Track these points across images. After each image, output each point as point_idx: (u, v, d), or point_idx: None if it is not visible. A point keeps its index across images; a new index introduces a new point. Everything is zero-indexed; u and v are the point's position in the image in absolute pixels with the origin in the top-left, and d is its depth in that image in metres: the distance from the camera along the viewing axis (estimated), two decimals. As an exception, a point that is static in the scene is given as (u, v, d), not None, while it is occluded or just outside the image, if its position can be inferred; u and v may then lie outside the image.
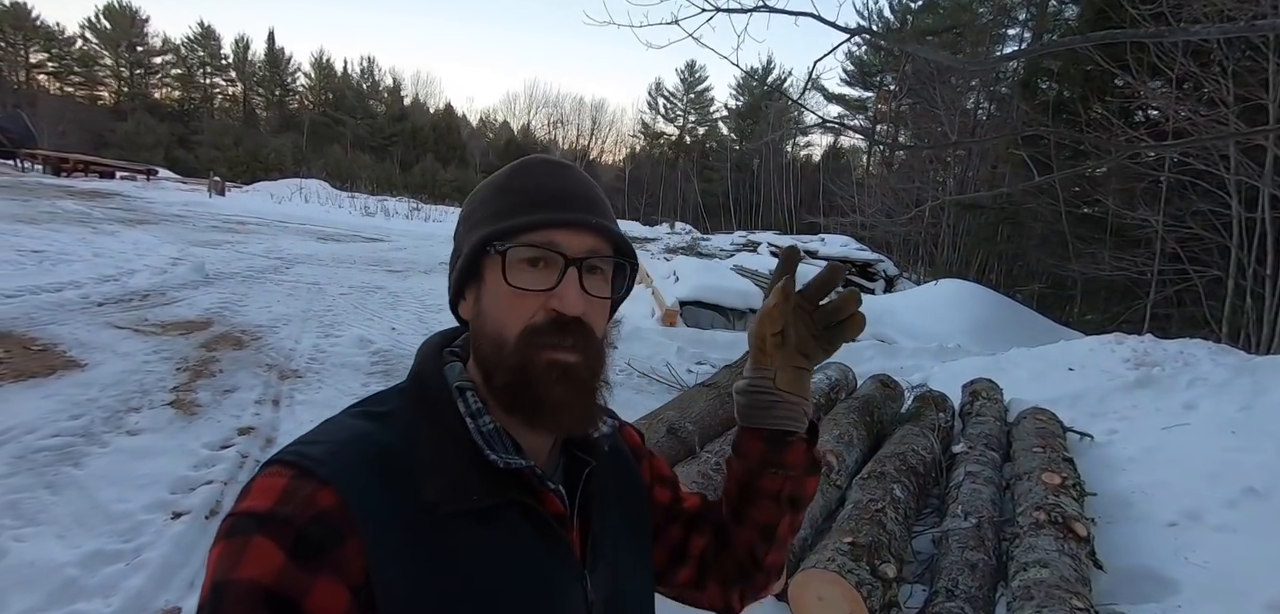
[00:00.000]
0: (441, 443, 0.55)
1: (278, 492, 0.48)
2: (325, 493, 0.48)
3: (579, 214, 0.57)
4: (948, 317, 8.85)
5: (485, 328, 0.57)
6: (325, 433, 0.54)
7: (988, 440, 3.58)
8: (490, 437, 0.56)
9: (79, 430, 3.20)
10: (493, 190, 0.60)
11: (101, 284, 6.10)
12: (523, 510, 0.56)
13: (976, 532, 2.61)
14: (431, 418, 0.56)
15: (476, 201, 0.61)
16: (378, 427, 0.55)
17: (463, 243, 0.60)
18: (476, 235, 0.58)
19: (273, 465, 0.51)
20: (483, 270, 0.58)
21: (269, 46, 48.31)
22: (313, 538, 0.47)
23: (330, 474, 0.49)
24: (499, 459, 0.55)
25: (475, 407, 0.57)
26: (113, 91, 45.19)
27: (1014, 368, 5.61)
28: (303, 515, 0.47)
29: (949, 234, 17.96)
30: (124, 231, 9.94)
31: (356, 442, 0.53)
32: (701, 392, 3.89)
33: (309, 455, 0.51)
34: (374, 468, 0.51)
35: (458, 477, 0.54)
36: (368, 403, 0.59)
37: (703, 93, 48.16)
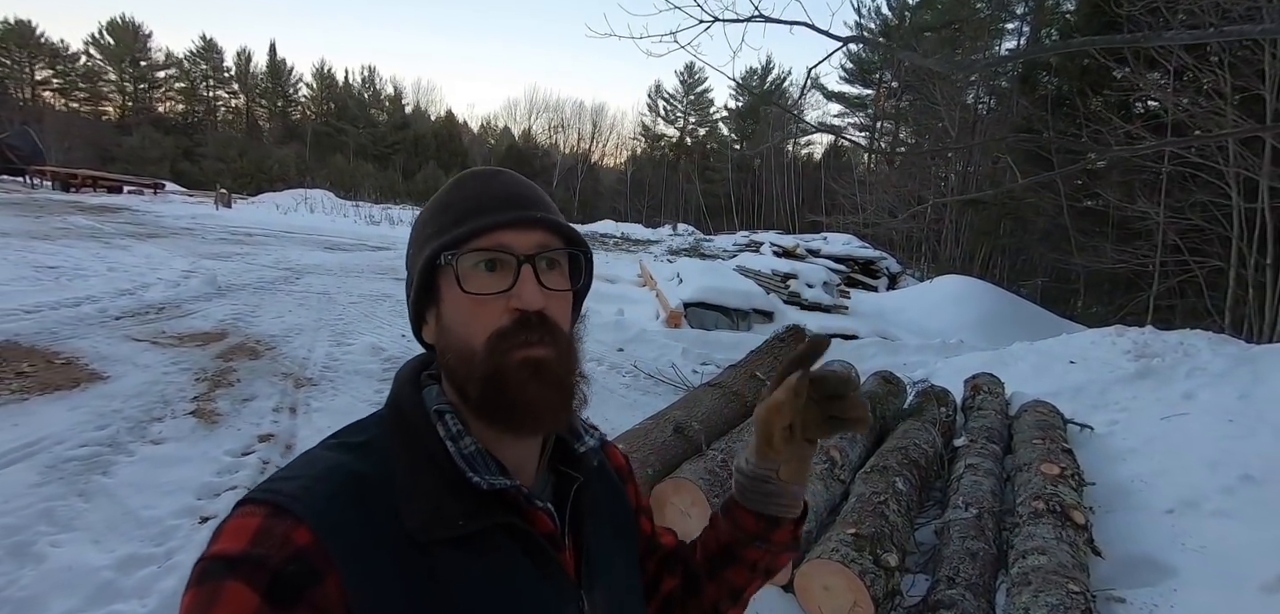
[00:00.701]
0: (421, 469, 0.54)
1: (251, 532, 0.47)
2: (300, 530, 0.47)
3: (523, 212, 0.57)
4: (951, 313, 8.91)
5: (451, 343, 0.56)
6: (300, 468, 0.53)
7: (989, 433, 3.65)
8: (472, 458, 0.55)
9: (106, 440, 3.30)
10: (434, 209, 0.60)
11: (118, 298, 6.23)
12: (511, 532, 0.55)
13: (977, 522, 2.69)
14: (410, 444, 0.55)
15: (421, 224, 0.60)
16: (354, 457, 0.53)
17: (413, 266, 0.59)
18: (425, 253, 0.57)
19: (245, 505, 0.50)
20: (438, 287, 0.57)
21: (271, 58, 48.71)
22: (289, 578, 0.45)
23: (305, 510, 0.48)
24: (482, 481, 0.54)
25: (455, 429, 0.56)
26: (117, 106, 45.63)
27: (1016, 362, 5.67)
28: (277, 555, 0.46)
29: (951, 230, 18.01)
30: (136, 245, 10.09)
31: (332, 474, 0.51)
32: (707, 391, 3.98)
33: (283, 492, 0.49)
34: (351, 500, 0.50)
35: (440, 503, 0.52)
36: (344, 434, 0.57)
37: (702, 94, 48.28)
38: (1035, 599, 2.08)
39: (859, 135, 31.01)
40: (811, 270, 9.94)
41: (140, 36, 45.08)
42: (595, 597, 0.61)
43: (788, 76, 41.03)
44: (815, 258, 13.77)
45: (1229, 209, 8.65)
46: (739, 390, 4.07)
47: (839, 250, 15.22)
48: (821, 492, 2.95)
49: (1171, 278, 10.08)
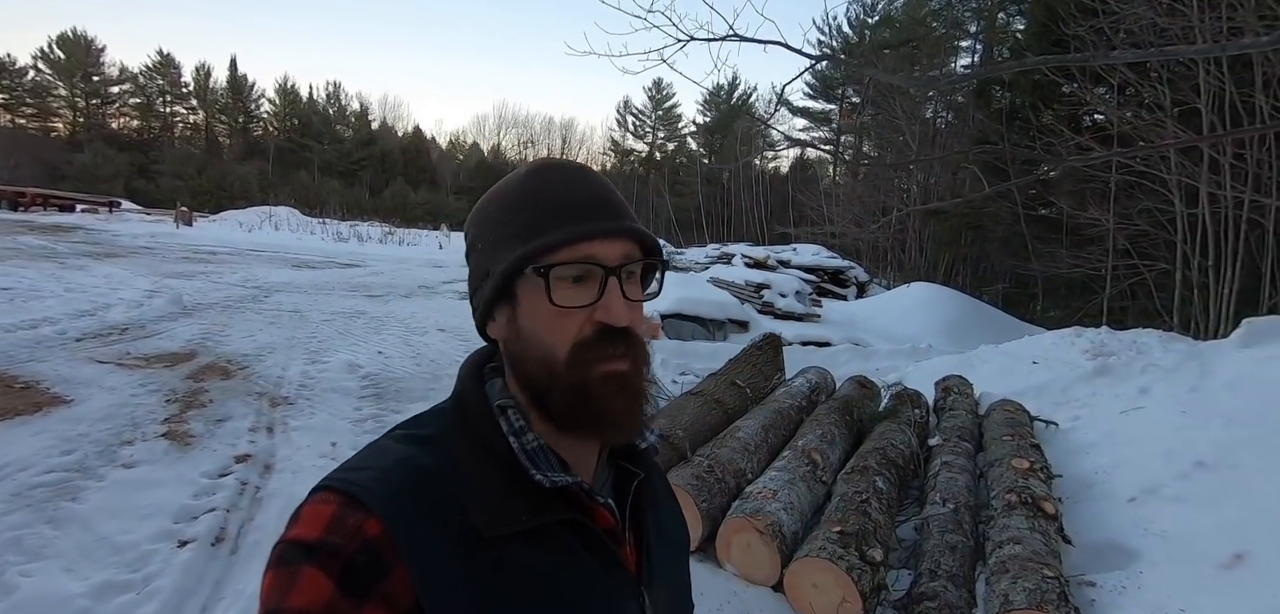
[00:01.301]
0: (486, 465, 0.54)
1: (325, 520, 0.49)
2: (372, 522, 0.48)
3: (613, 222, 0.56)
4: (919, 318, 9.18)
5: (530, 350, 0.56)
6: (370, 458, 0.54)
7: (961, 432, 3.79)
8: (535, 454, 0.55)
9: (74, 465, 3.19)
10: (515, 205, 0.57)
11: (77, 319, 6.00)
12: (573, 528, 0.55)
13: (955, 516, 2.79)
14: (475, 439, 0.56)
15: (496, 218, 0.58)
16: (421, 450, 0.54)
17: (489, 263, 0.57)
18: (511, 255, 0.55)
19: (321, 491, 0.51)
20: (516, 291, 0.56)
21: (231, 73, 47.56)
22: (360, 568, 0.47)
23: (376, 502, 0.49)
24: (545, 478, 0.54)
25: (518, 425, 0.56)
26: (67, 123, 43.93)
27: (983, 364, 5.89)
28: (350, 545, 0.47)
29: (915, 239, 18.55)
30: (94, 266, 9.72)
31: (401, 467, 0.52)
32: (689, 400, 4.03)
33: (355, 483, 0.50)
34: (420, 494, 0.51)
35: (504, 499, 0.53)
36: (411, 425, 0.58)
37: (670, 109, 48.82)
38: (1013, 585, 2.18)
39: (825, 149, 31.80)
40: (783, 280, 10.14)
41: (93, 51, 43.56)
42: (655, 594, 0.61)
43: (753, 92, 41.85)
44: (786, 268, 14.00)
45: (1173, 215, 9.14)
46: (720, 398, 4.14)
47: (809, 260, 15.49)
48: (805, 493, 3.03)
49: (1123, 281, 10.58)
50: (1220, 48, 3.22)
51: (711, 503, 2.88)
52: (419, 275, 14.10)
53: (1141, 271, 10.02)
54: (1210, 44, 3.49)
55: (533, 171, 0.59)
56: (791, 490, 2.93)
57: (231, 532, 2.82)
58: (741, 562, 2.65)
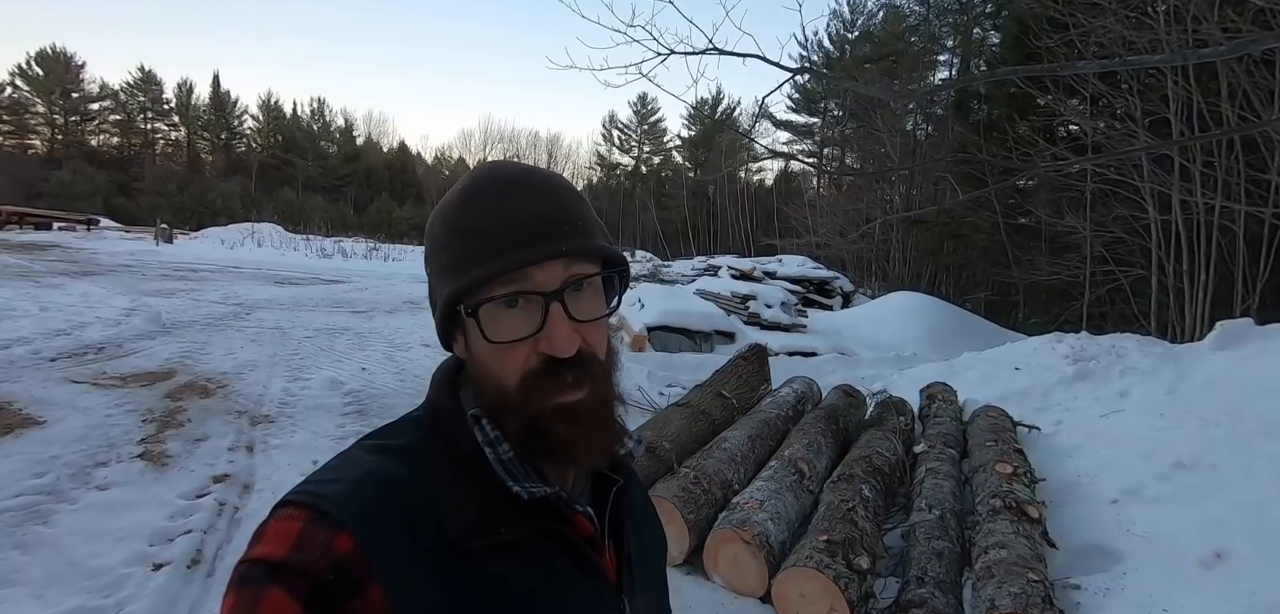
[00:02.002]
0: (462, 477, 0.53)
1: (292, 537, 0.46)
2: (342, 537, 0.46)
3: (548, 245, 0.51)
4: (903, 327, 9.27)
5: (482, 377, 0.54)
6: (339, 470, 0.51)
7: (946, 438, 3.82)
8: (511, 466, 0.53)
9: (45, 488, 3.10)
10: (448, 231, 0.54)
11: (52, 338, 5.87)
12: (552, 538, 0.54)
13: (941, 523, 2.81)
14: (450, 450, 0.54)
15: (439, 241, 0.55)
16: (394, 461, 0.52)
17: (434, 293, 0.56)
18: (444, 292, 0.53)
19: (285, 506, 0.48)
20: (461, 322, 0.54)
21: (214, 90, 47.14)
22: (329, 588, 0.44)
23: (347, 517, 0.47)
24: (522, 490, 0.52)
25: (493, 435, 0.54)
26: (45, 140, 43.23)
27: (966, 371, 5.95)
28: (319, 563, 0.45)
29: (899, 249, 18.78)
30: (70, 284, 9.53)
31: (372, 479, 0.50)
32: (675, 412, 4.03)
33: (324, 496, 0.48)
34: (393, 507, 0.49)
35: (482, 510, 0.51)
36: (382, 435, 0.56)
37: (656, 123, 49.16)
38: (999, 590, 2.19)
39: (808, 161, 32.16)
40: (769, 291, 10.20)
41: (72, 68, 42.97)
42: (636, 602, 0.61)
43: (737, 106, 42.29)
44: (772, 279, 14.08)
45: (1147, 222, 9.35)
46: (706, 409, 4.13)
47: (794, 271, 15.61)
48: (793, 502, 3.03)
49: (1101, 287, 10.77)
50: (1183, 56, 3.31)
51: (698, 514, 2.87)
52: (404, 290, 13.99)
53: (1119, 277, 10.22)
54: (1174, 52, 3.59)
55: (470, 189, 0.54)
56: (778, 500, 2.93)
57: (208, 554, 2.76)
58: (729, 573, 2.64)
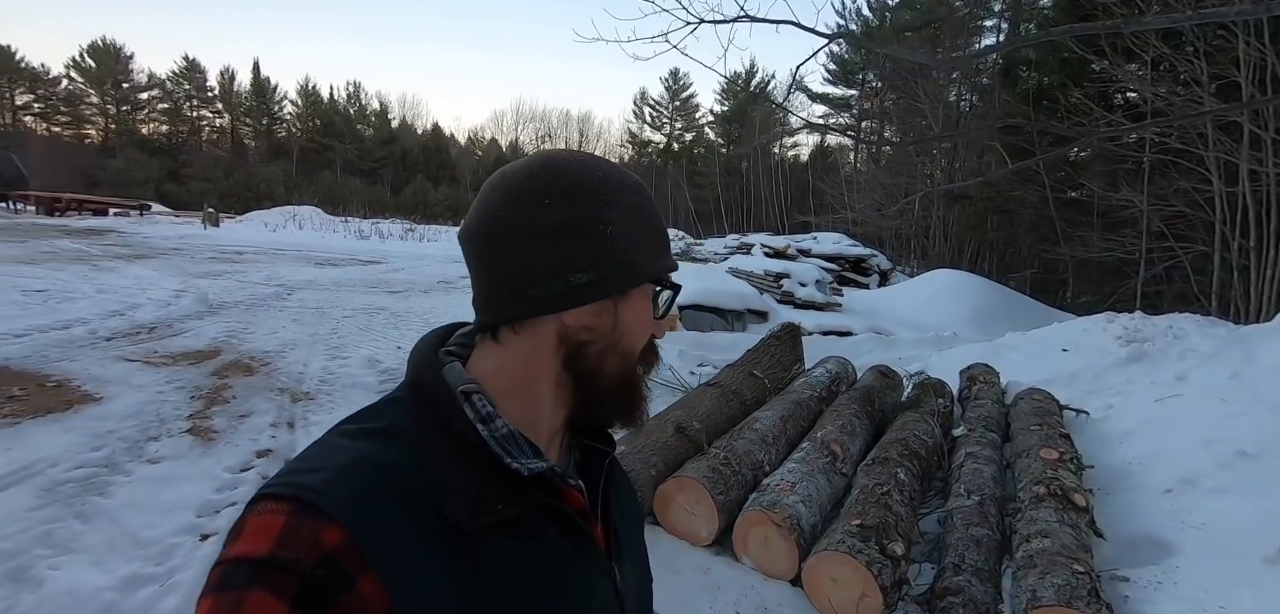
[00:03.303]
0: (456, 456, 0.51)
1: (275, 532, 0.43)
2: (330, 530, 0.43)
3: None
4: (943, 306, 8.99)
5: (622, 345, 0.58)
6: (322, 458, 0.49)
7: (987, 422, 3.69)
8: (505, 441, 0.53)
9: (102, 461, 3.26)
10: (645, 214, 0.59)
11: (108, 319, 6.16)
12: (546, 511, 0.54)
13: (980, 508, 2.71)
14: (440, 429, 0.52)
15: (634, 213, 0.58)
16: (380, 445, 0.50)
17: (630, 254, 0.56)
18: (657, 262, 0.59)
19: (266, 500, 0.46)
20: (631, 292, 0.58)
21: (255, 77, 48.47)
22: (320, 584, 0.42)
23: (334, 506, 0.44)
24: (522, 466, 0.52)
25: (485, 410, 0.54)
26: (100, 129, 45.24)
27: (1010, 352, 5.73)
28: (307, 559, 0.42)
29: (939, 225, 18.19)
30: (125, 267, 9.99)
31: (359, 465, 0.48)
32: (706, 391, 3.99)
33: (308, 486, 0.45)
34: (383, 493, 0.47)
35: (480, 489, 0.50)
36: (362, 419, 0.53)
37: (688, 99, 48.53)
38: (1041, 580, 2.09)
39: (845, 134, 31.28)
40: (803, 269, 10.00)
41: (122, 59, 44.75)
42: (625, 569, 0.62)
43: (772, 79, 41.34)
44: (806, 257, 13.84)
45: (1211, 194, 8.80)
46: (738, 389, 4.08)
47: (829, 249, 15.31)
48: (825, 485, 2.96)
49: (1158, 264, 10.22)
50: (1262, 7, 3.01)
51: (728, 496, 2.83)
52: (439, 271, 14.25)
53: (1178, 254, 9.67)
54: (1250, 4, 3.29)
55: (644, 187, 0.61)
56: (810, 483, 2.87)
57: (252, 526, 2.86)
58: (759, 555, 2.60)
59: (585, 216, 0.55)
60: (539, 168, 0.57)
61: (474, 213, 0.58)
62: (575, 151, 0.60)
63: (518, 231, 0.55)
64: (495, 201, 0.56)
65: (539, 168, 0.57)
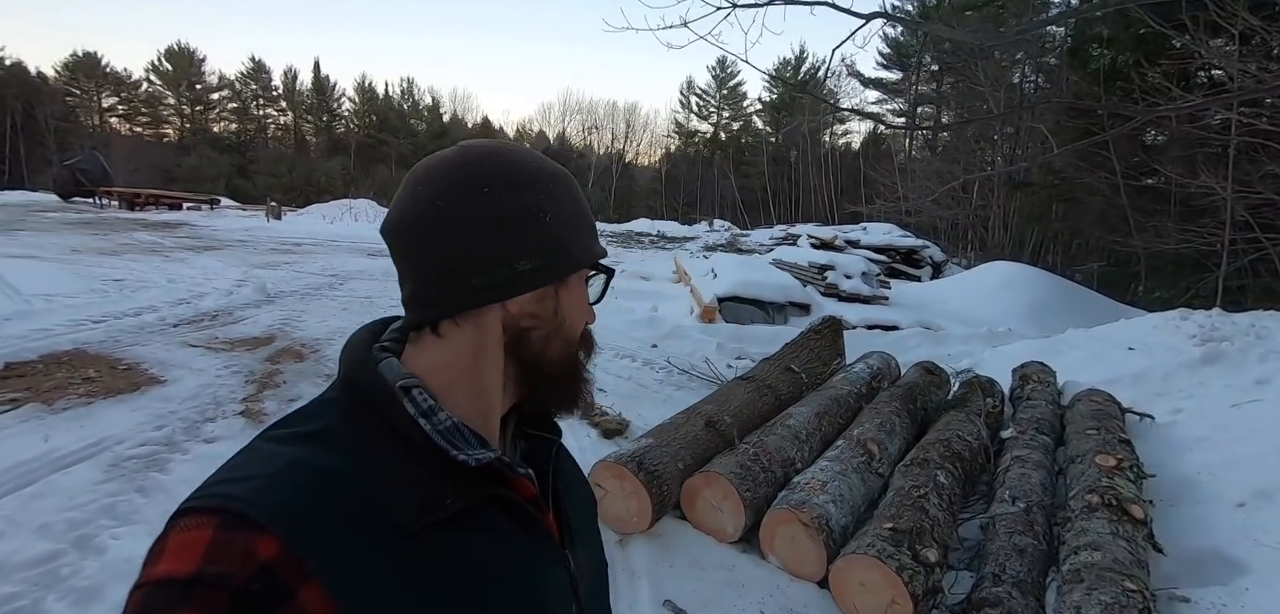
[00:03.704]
0: (398, 452, 0.50)
1: (202, 547, 0.41)
2: (264, 540, 0.41)
3: None
4: (998, 300, 8.57)
5: (563, 331, 0.58)
6: (250, 466, 0.47)
7: (1039, 424, 3.49)
8: (449, 434, 0.52)
9: (163, 440, 3.47)
10: (576, 200, 0.59)
11: (176, 307, 6.55)
12: (496, 502, 0.53)
13: (1026, 516, 2.56)
14: (379, 427, 0.50)
15: (566, 201, 0.58)
16: (312, 449, 0.48)
17: (564, 240, 0.57)
18: (591, 247, 0.59)
19: (188, 515, 0.43)
20: (571, 278, 0.58)
21: (315, 75, 50.50)
22: (255, 599, 0.40)
23: (266, 515, 0.42)
24: (469, 458, 0.51)
25: (426, 404, 0.52)
26: (176, 128, 48.11)
27: (1070, 350, 5.41)
28: (239, 573, 0.40)
29: (999, 215, 17.34)
30: (193, 258, 10.62)
31: (292, 470, 0.46)
32: (740, 385, 3.92)
33: (235, 496, 0.43)
34: (321, 497, 0.45)
35: (426, 486, 0.49)
36: (292, 422, 0.52)
37: (736, 88, 47.78)
38: (1088, 597, 1.96)
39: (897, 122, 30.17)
40: (849, 261, 9.71)
41: (195, 61, 47.40)
42: (578, 557, 0.62)
43: (822, 65, 40.20)
44: (855, 248, 13.45)
45: (1306, 180, 8.05)
46: (772, 384, 4.00)
47: (879, 240, 14.82)
48: (859, 485, 2.87)
49: (1242, 257, 9.43)
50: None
51: (756, 492, 2.77)
52: (485, 262, 14.45)
53: (1265, 246, 8.90)
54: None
55: (568, 176, 0.61)
56: (843, 482, 2.78)
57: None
58: (785, 554, 2.54)
59: (527, 204, 0.55)
60: (474, 158, 0.56)
61: (402, 205, 0.56)
62: (500, 141, 0.60)
63: (457, 222, 0.54)
64: (428, 193, 0.55)
65: (474, 158, 0.56)
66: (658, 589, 2.39)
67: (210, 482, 0.46)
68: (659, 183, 48.93)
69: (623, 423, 4.07)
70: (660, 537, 2.71)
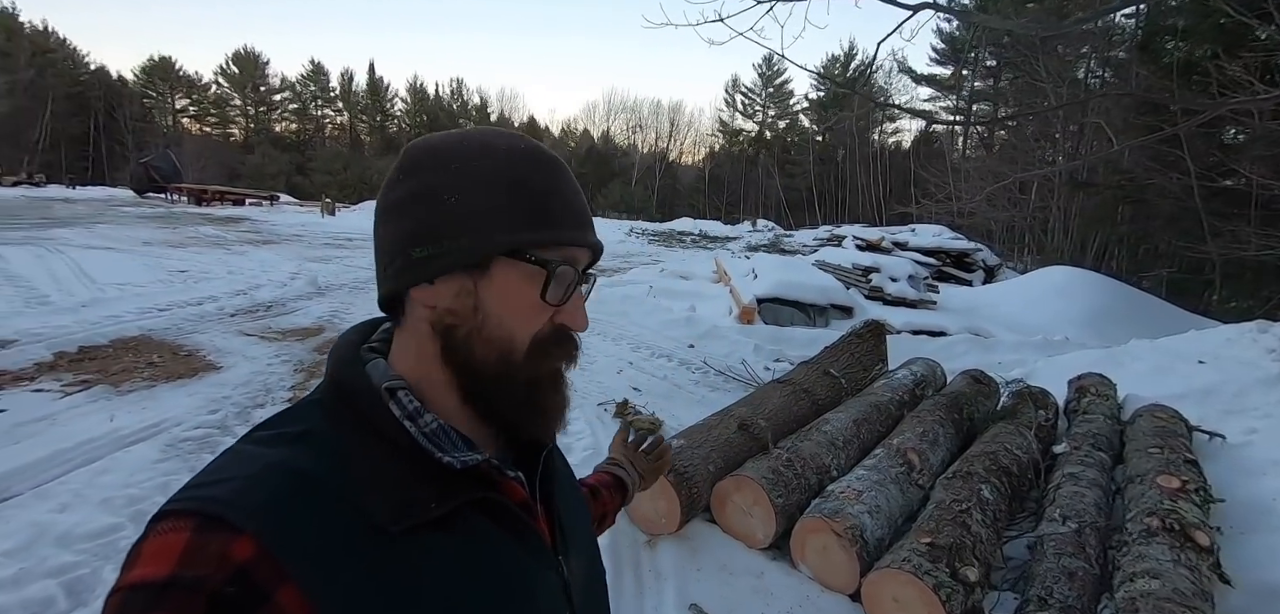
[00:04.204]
0: (381, 454, 0.49)
1: (177, 551, 0.40)
2: (241, 542, 0.41)
3: (593, 232, 0.56)
4: (1054, 307, 8.15)
5: (487, 332, 0.52)
6: (229, 468, 0.46)
7: (1095, 440, 3.29)
8: (435, 436, 0.51)
9: (216, 423, 3.64)
10: (514, 179, 0.52)
11: (234, 298, 6.89)
12: (484, 507, 0.52)
13: (1077, 537, 2.41)
14: (364, 429, 0.50)
15: (487, 179, 0.52)
16: (296, 451, 0.47)
17: (472, 223, 0.51)
18: (513, 231, 0.51)
19: (166, 518, 0.43)
20: (493, 268, 0.51)
21: (370, 76, 52.40)
22: (231, 602, 0.39)
23: (244, 518, 0.42)
24: (454, 460, 0.50)
25: (412, 406, 0.51)
26: (241, 128, 50.68)
27: (1132, 361, 5.09)
28: (215, 575, 0.40)
29: (1059, 217, 16.51)
30: (252, 251, 11.15)
31: (272, 472, 0.45)
32: (776, 388, 3.84)
33: (213, 498, 0.43)
34: (301, 500, 0.44)
35: (409, 488, 0.48)
36: (276, 424, 0.51)
37: (782, 85, 47.07)
38: (1144, 627, 1.83)
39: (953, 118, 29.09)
40: (896, 263, 9.41)
41: (259, 64, 49.83)
42: (572, 563, 0.60)
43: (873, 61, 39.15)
44: (902, 250, 13.04)
45: None
46: (810, 388, 3.90)
47: (929, 242, 14.35)
48: (897, 496, 2.76)
49: (1334, 265, 8.70)
50: None
51: (788, 499, 2.71)
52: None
53: (1361, 253, 8.17)
54: None
55: (527, 152, 0.54)
56: (880, 492, 2.68)
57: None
58: (817, 565, 2.47)
59: (423, 186, 0.52)
60: (403, 150, 0.56)
61: None
62: (451, 130, 0.57)
63: (379, 216, 0.55)
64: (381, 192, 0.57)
65: (403, 150, 0.56)
66: (684, 592, 2.36)
67: (190, 484, 0.45)
68: (702, 182, 48.64)
69: (656, 422, 4.04)
70: (688, 539, 2.67)
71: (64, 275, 6.95)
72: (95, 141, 41.15)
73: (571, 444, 3.59)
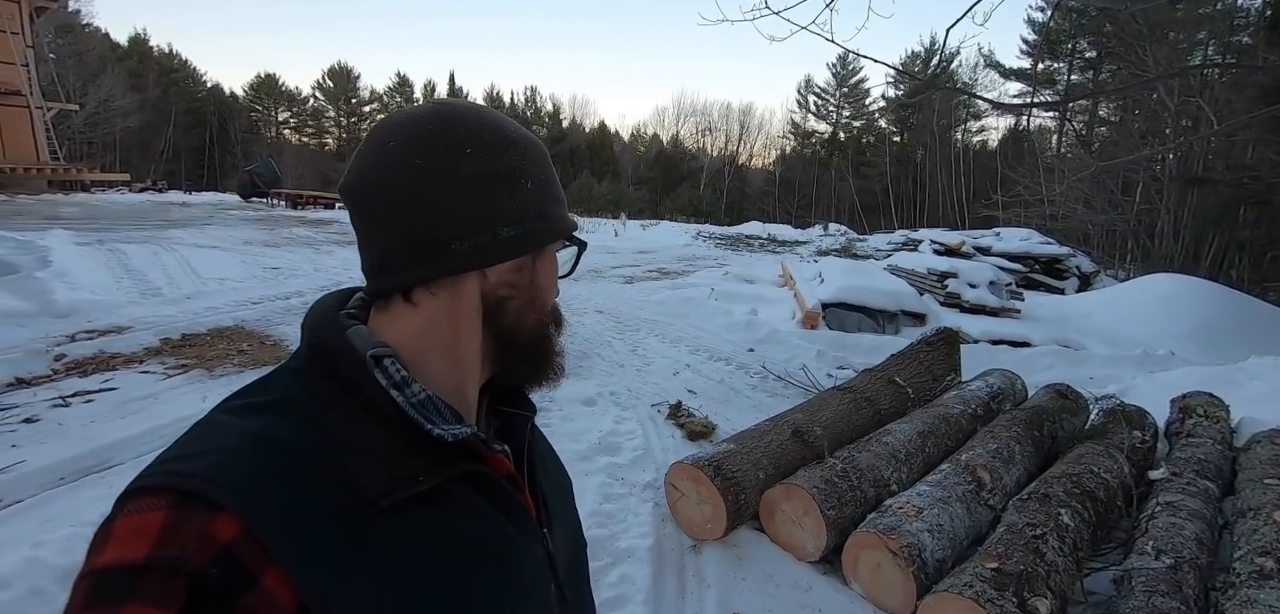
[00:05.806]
0: (367, 424, 0.47)
1: (154, 530, 0.38)
2: (223, 520, 0.38)
3: None
4: (1157, 318, 7.40)
5: (539, 300, 0.57)
6: (204, 440, 0.44)
7: (1200, 467, 2.95)
8: (423, 407, 0.49)
9: (292, 412, 3.89)
10: (547, 168, 0.57)
11: (319, 293, 7.35)
12: (470, 479, 0.51)
13: (1172, 574, 2.16)
14: (347, 398, 0.47)
15: (540, 169, 0.56)
16: (274, 420, 0.45)
17: (544, 209, 0.55)
18: (566, 216, 0.58)
19: (138, 495, 0.40)
20: (546, 248, 0.57)
21: (449, 87, 54.85)
22: (215, 585, 0.37)
23: (225, 493, 0.39)
24: (445, 432, 0.48)
25: (399, 376, 0.49)
26: (335, 138, 54.33)
27: (1251, 381, 4.54)
28: (197, 556, 0.37)
29: (1168, 219, 15.02)
30: (339, 251, 11.90)
31: (253, 444, 0.43)
32: (835, 395, 3.68)
33: (189, 473, 0.40)
34: (280, 472, 0.42)
35: (397, 460, 0.46)
36: (250, 393, 0.49)
37: (857, 85, 45.44)
38: (1250, 681, 1.60)
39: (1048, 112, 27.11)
40: (976, 269, 8.84)
41: (351, 78, 53.29)
42: (556, 535, 0.60)
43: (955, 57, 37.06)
44: (984, 256, 12.25)
45: None
46: (872, 397, 3.72)
47: (1015, 247, 13.40)
48: (963, 516, 2.58)
49: None
50: None
51: (841, 512, 2.58)
52: (589, 261, 14.91)
53: None
54: None
55: (541, 144, 0.58)
56: (943, 510, 2.51)
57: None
58: (869, 583, 2.33)
59: (509, 168, 0.53)
60: (454, 116, 0.52)
61: (367, 165, 0.52)
62: (472, 102, 0.57)
63: (435, 181, 0.50)
64: (398, 151, 0.50)
65: (454, 116, 0.52)
66: (726, 601, 2.29)
67: (162, 458, 0.43)
68: (772, 185, 47.71)
69: (708, 425, 3.97)
70: (734, 546, 2.60)
71: (174, 270, 7.65)
72: (209, 152, 45.29)
73: (621, 444, 3.58)
